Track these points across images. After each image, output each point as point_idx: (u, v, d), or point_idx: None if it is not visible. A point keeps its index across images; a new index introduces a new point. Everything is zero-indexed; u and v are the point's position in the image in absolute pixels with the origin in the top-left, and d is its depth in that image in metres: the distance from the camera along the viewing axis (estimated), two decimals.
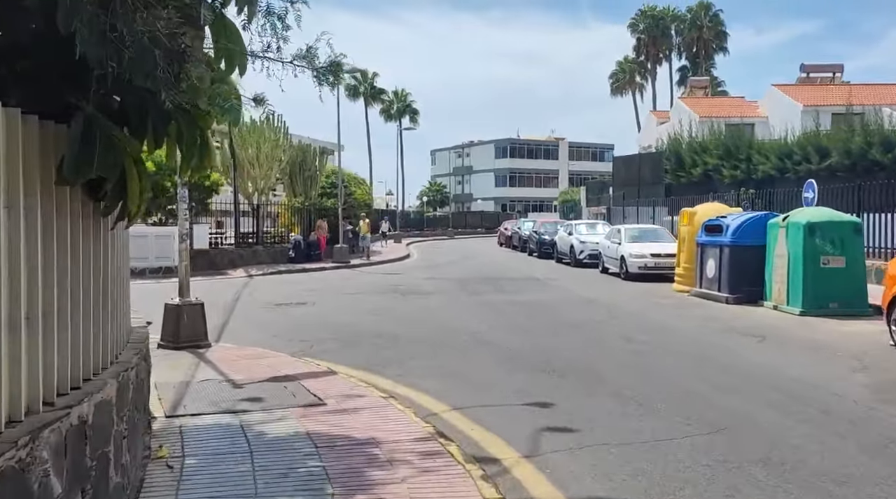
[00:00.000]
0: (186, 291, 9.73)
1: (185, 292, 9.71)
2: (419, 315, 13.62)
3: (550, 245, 30.17)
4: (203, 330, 9.72)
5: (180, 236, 9.69)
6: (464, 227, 65.87)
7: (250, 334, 11.71)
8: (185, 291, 9.70)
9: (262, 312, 14.59)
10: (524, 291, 17.96)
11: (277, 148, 28.34)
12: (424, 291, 18.15)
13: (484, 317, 13.28)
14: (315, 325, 12.61)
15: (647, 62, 63.73)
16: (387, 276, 23.25)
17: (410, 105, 68.63)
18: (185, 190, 9.72)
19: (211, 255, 25.09)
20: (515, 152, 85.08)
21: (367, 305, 15.36)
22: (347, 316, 13.69)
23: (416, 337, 11.08)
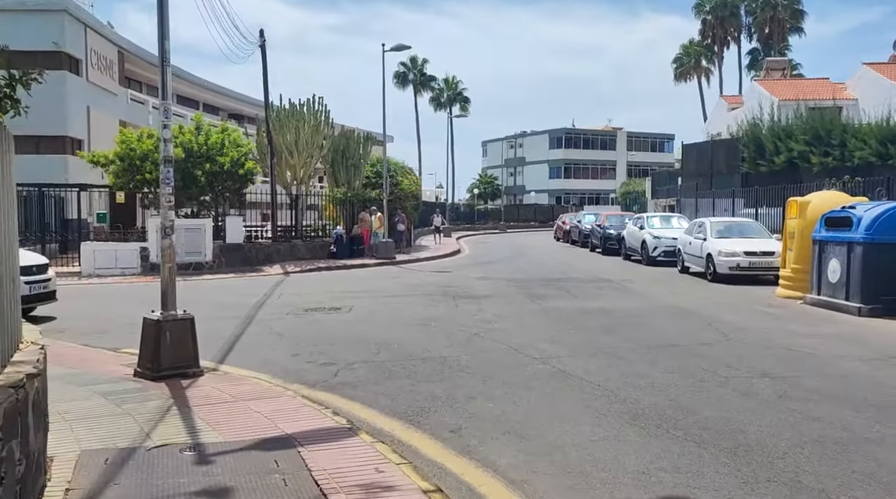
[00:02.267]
0: (171, 301, 7.37)
1: (169, 303, 7.35)
2: (473, 327, 11.06)
3: (617, 240, 27.25)
4: (192, 353, 7.36)
5: (163, 230, 7.33)
6: (516, 220, 63.04)
7: (264, 352, 9.36)
8: (168, 302, 7.34)
9: (287, 320, 12.24)
10: (596, 295, 15.22)
11: (318, 133, 26.11)
12: (478, 293, 15.57)
13: (554, 332, 10.64)
14: (346, 339, 10.18)
15: (713, 45, 59.66)
16: (435, 274, 20.75)
17: (461, 93, 65.96)
18: (170, 169, 7.33)
19: (245, 250, 23.07)
20: (571, 143, 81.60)
21: (411, 312, 12.87)
22: (386, 328, 11.22)
23: (471, 362, 8.52)
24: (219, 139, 23.17)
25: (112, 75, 31.08)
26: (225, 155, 22.80)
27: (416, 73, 62.82)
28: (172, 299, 7.32)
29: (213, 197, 23.94)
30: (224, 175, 22.80)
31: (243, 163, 23.26)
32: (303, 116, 25.66)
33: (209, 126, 24.05)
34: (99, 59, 29.48)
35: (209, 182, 22.74)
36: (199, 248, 21.72)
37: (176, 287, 7.47)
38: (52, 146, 26.37)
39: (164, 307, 7.31)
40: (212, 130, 23.72)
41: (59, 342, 9.84)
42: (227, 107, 46.41)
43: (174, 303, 7.35)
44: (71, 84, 26.88)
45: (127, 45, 32.90)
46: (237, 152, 23.16)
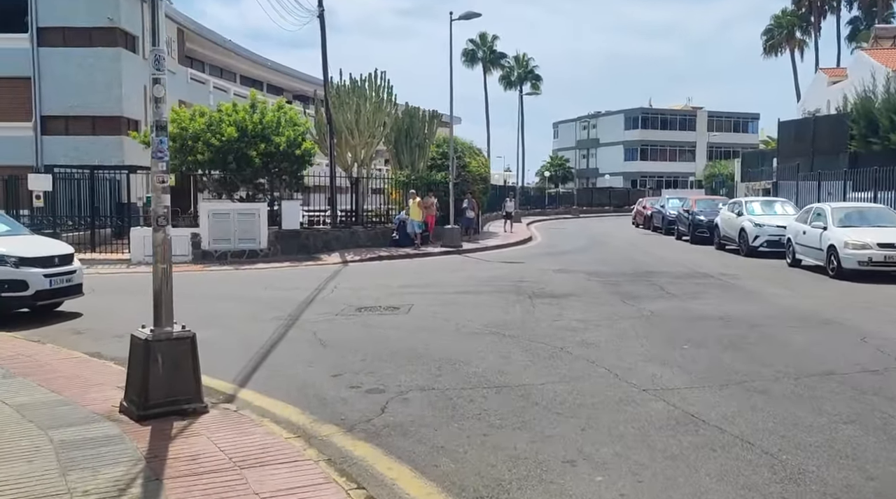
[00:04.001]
0: (166, 313, 5.56)
1: (164, 316, 5.54)
2: (557, 338, 8.96)
3: (708, 228, 24.51)
4: (192, 382, 5.54)
5: (155, 220, 5.51)
6: (589, 204, 60.10)
7: (300, 370, 7.54)
8: (162, 314, 5.54)
9: (336, 322, 10.42)
10: (699, 295, 12.85)
11: (380, 111, 24.26)
12: (558, 291, 13.42)
13: (662, 348, 8.44)
14: (401, 352, 8.26)
15: (809, 15, 54.90)
16: (505, 266, 18.66)
17: (532, 70, 63.10)
18: (163, 138, 5.49)
19: (302, 236, 21.53)
20: (647, 123, 77.55)
21: (480, 314, 10.85)
22: (450, 337, 9.24)
23: (560, 394, 6.45)
24: (274, 118, 21.60)
25: (171, 53, 30.02)
26: (281, 134, 21.22)
27: (485, 50, 60.27)
28: (168, 311, 5.51)
29: (269, 180, 22.45)
30: (280, 156, 21.24)
31: (300, 143, 21.64)
32: (364, 93, 23.85)
33: (264, 104, 22.51)
34: None
35: (264, 164, 21.22)
36: (253, 234, 20.27)
37: (173, 295, 5.65)
38: (107, 127, 25.44)
39: (157, 322, 5.51)
40: (267, 108, 22.18)
41: (62, 350, 8.28)
42: (292, 87, 45.19)
43: (170, 315, 5.54)
44: (126, 62, 25.85)
45: (187, 21, 31.84)
46: (294, 132, 21.55)
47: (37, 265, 10.60)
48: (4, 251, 10.42)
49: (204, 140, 20.50)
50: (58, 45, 24.81)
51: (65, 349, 8.34)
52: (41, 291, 10.57)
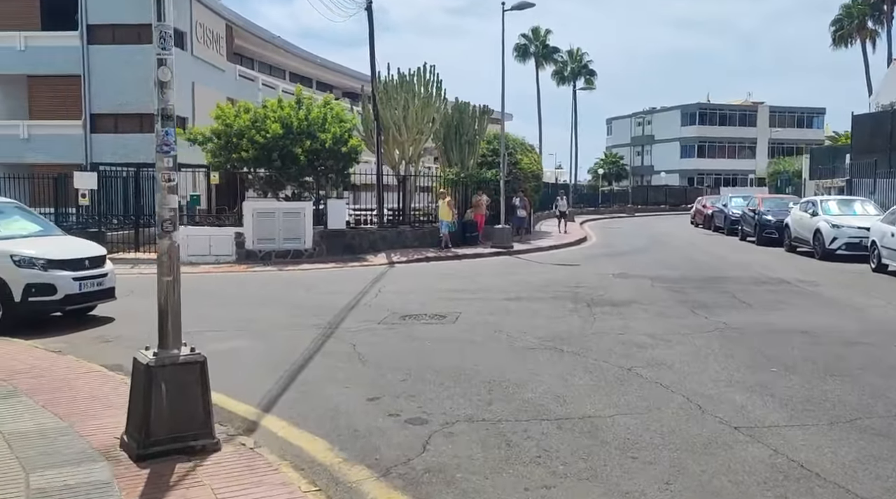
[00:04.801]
0: (172, 332, 4.76)
1: (170, 336, 4.75)
2: (623, 355, 7.93)
3: (776, 228, 22.95)
4: (201, 415, 4.74)
5: (160, 223, 4.72)
6: (644, 203, 58.19)
7: (334, 392, 6.71)
8: (168, 334, 4.74)
9: (377, 333, 9.58)
10: (779, 305, 11.60)
11: (429, 106, 23.40)
12: (620, 298, 12.33)
13: (747, 371, 7.32)
14: (448, 371, 7.36)
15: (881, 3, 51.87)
16: (560, 269, 17.59)
17: (587, 66, 61.36)
18: (169, 130, 4.70)
19: (348, 236, 20.82)
20: (705, 119, 74.90)
21: (535, 325, 9.87)
22: (503, 352, 8.30)
23: (634, 431, 5.45)
24: (320, 114, 20.96)
25: (219, 50, 29.79)
26: (327, 131, 20.56)
27: (537, 45, 58.84)
28: (175, 331, 4.72)
29: (314, 178, 21.83)
30: (325, 153, 20.58)
31: (346, 139, 20.93)
32: (412, 88, 23.02)
33: (310, 99, 21.89)
34: (205, 32, 28.17)
35: (310, 161, 20.59)
36: (297, 234, 19.65)
37: (181, 311, 4.85)
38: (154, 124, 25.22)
39: (162, 343, 4.72)
40: (313, 104, 21.55)
41: (82, 363, 7.63)
42: (342, 85, 44.74)
43: (177, 336, 4.74)
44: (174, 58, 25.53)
45: (236, 18, 31.56)
46: (340, 128, 20.86)
47: (66, 268, 10.05)
48: (34, 253, 9.90)
49: (248, 137, 19.98)
50: (107, 43, 24.74)
51: (85, 361, 7.69)
52: (70, 295, 10.02)
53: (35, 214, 11.82)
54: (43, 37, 25.25)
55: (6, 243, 9.96)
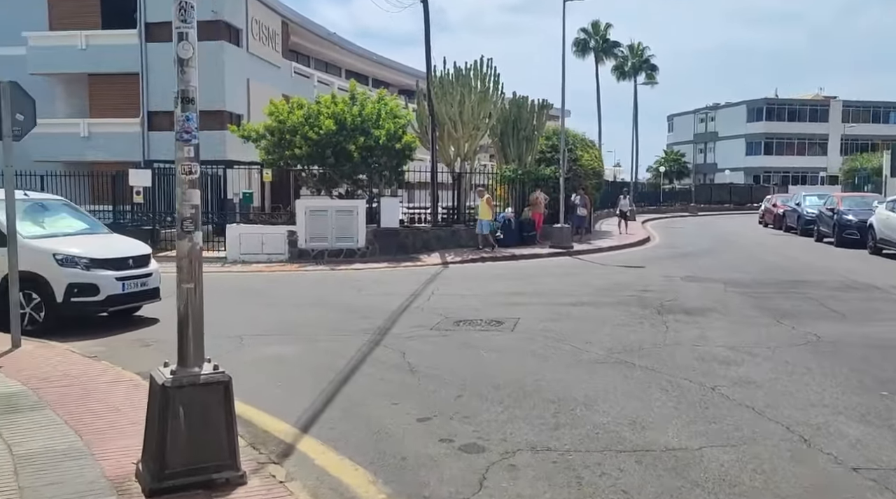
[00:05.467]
0: (194, 347, 4.15)
1: (191, 352, 4.14)
2: (705, 372, 7.05)
3: (858, 229, 21.39)
4: (224, 443, 4.12)
5: (179, 223, 4.12)
6: (707, 201, 56.06)
7: (380, 409, 6.06)
8: (189, 350, 4.13)
9: (429, 340, 8.91)
10: (872, 313, 10.47)
11: (486, 101, 22.63)
12: (692, 305, 11.35)
13: (853, 394, 6.36)
14: (507, 386, 6.63)
15: None
16: (624, 271, 16.61)
17: (648, 60, 59.50)
18: (190, 114, 4.08)
19: (401, 235, 20.25)
20: (773, 114, 71.87)
21: (601, 334, 9.03)
22: (567, 365, 7.50)
23: (732, 472, 4.61)
24: (374, 109, 20.46)
25: (275, 47, 29.65)
26: (380, 127, 20.03)
27: (597, 39, 57.33)
28: (197, 344, 4.11)
29: (368, 175, 21.34)
30: (379, 150, 20.05)
31: (401, 136, 20.37)
32: (469, 82, 22.29)
33: (364, 95, 21.41)
34: (261, 29, 28.04)
35: (363, 158, 20.10)
36: (350, 232, 19.18)
37: (203, 322, 4.23)
38: (210, 121, 25.13)
39: (182, 359, 4.12)
40: (367, 100, 21.06)
41: (116, 370, 7.17)
42: (398, 82, 44.36)
43: (199, 351, 4.13)
44: (229, 55, 25.49)
45: (292, 15, 31.40)
46: (394, 124, 20.31)
47: (109, 267, 9.69)
48: (77, 252, 9.57)
49: (302, 134, 19.61)
50: (164, 41, 24.63)
51: (119, 369, 7.22)
52: (113, 295, 9.66)
53: (82, 212, 11.57)
54: (103, 35, 25.49)
55: (50, 242, 9.67)
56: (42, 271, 9.30)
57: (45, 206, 10.77)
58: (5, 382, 6.49)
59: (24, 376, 6.67)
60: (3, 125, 7.55)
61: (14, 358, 7.41)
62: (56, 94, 26.80)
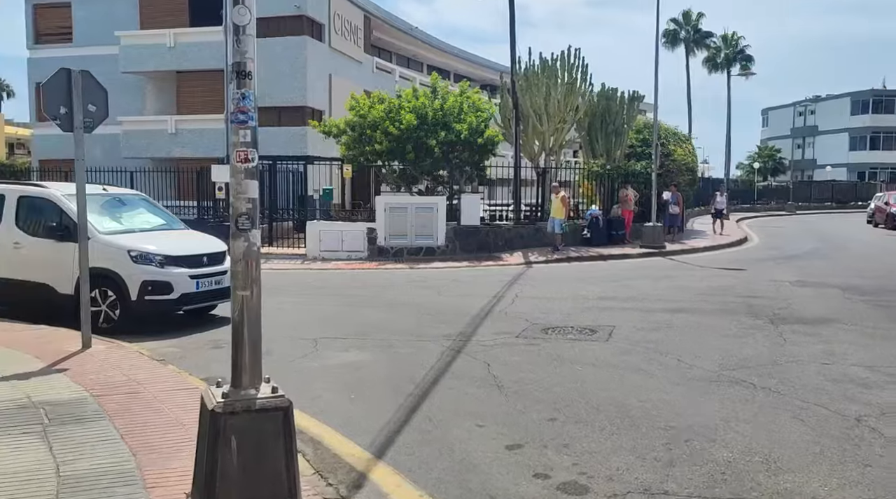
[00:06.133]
0: (251, 364, 3.54)
1: (247, 370, 3.53)
2: (843, 399, 6.00)
3: None
4: (282, 480, 3.48)
5: (234, 219, 3.52)
6: (806, 200, 52.80)
7: (463, 434, 5.36)
8: (244, 367, 3.52)
9: (515, 349, 8.15)
10: None
11: (573, 93, 21.62)
12: (810, 313, 10.14)
13: None
14: (607, 408, 5.81)
15: None
16: (724, 274, 15.34)
17: (743, 51, 56.40)
18: (247, 92, 3.46)
19: (482, 233, 19.54)
20: (880, 107, 67.05)
21: (708, 347, 8.04)
22: (675, 384, 6.58)
23: None
24: (456, 103, 19.80)
25: (357, 42, 29.42)
26: (462, 121, 19.36)
27: (688, 30, 54.81)
28: (253, 362, 3.49)
29: (449, 171, 20.72)
30: (461, 145, 19.39)
31: (483, 130, 19.64)
32: (555, 73, 21.33)
33: (446, 88, 20.79)
34: (343, 23, 27.84)
35: (444, 153, 19.48)
36: (430, 230, 18.61)
37: (261, 336, 3.61)
38: (292, 117, 25.13)
39: (236, 380, 3.51)
40: (449, 93, 20.44)
41: (181, 376, 6.75)
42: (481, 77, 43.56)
43: (256, 369, 3.52)
44: (312, 50, 25.35)
45: (374, 9, 31.14)
46: (476, 118, 19.60)
47: (183, 265, 9.37)
48: (152, 249, 9.28)
49: (382, 128, 19.17)
50: None
51: (186, 375, 6.80)
52: (186, 294, 9.33)
53: (159, 207, 11.36)
54: (190, 33, 25.83)
55: (125, 238, 9.43)
56: (117, 268, 9.05)
57: (123, 201, 10.59)
58: (69, 387, 6.14)
59: (88, 381, 6.31)
60: (75, 117, 7.24)
61: (81, 360, 7.10)
62: (146, 92, 27.42)
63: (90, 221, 9.11)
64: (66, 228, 9.16)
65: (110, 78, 24.18)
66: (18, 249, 9.57)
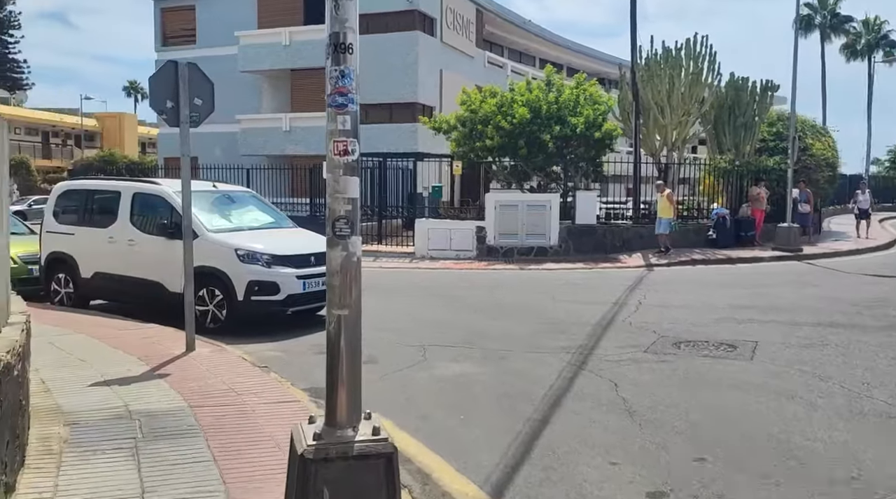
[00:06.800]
0: (348, 401, 2.92)
1: (345, 406, 2.91)
2: None
3: None
4: None
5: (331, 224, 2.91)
6: None
7: (593, 474, 4.64)
8: (342, 403, 2.91)
9: (645, 366, 7.26)
10: None
11: (699, 84, 20.11)
12: None
13: None
14: (766, 449, 4.88)
15: None
16: (877, 281, 13.64)
17: (886, 36, 51.65)
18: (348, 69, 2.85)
19: (598, 233, 18.48)
20: None
21: (882, 373, 6.83)
22: (851, 426, 5.50)
23: None
24: (572, 96, 18.83)
25: (468, 36, 28.88)
26: (578, 114, 18.37)
27: (824, 14, 50.70)
28: (353, 396, 2.88)
29: (563, 167, 19.77)
30: (576, 139, 18.41)
31: (600, 124, 18.56)
32: (679, 63, 19.90)
33: (561, 81, 19.85)
34: (455, 18, 27.37)
35: (558, 148, 18.56)
36: (542, 229, 17.76)
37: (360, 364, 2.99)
38: (403, 114, 24.89)
39: (330, 416, 2.91)
40: (564, 86, 19.48)
41: (283, 387, 6.33)
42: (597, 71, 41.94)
43: (356, 404, 2.91)
44: (423, 45, 25.01)
45: (486, 2, 30.49)
46: (593, 111, 18.55)
47: (289, 265, 9.06)
48: (259, 248, 9.02)
49: (494, 123, 18.48)
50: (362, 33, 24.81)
51: (287, 385, 6.38)
52: (293, 295, 9.00)
53: (268, 205, 11.17)
54: (305, 31, 26.10)
55: (233, 236, 9.22)
56: (224, 267, 8.85)
57: (233, 198, 10.45)
58: (168, 395, 5.83)
59: (187, 389, 5.99)
60: (181, 111, 6.98)
61: (183, 365, 6.83)
62: (262, 91, 28.01)
63: (199, 218, 8.98)
64: (176, 225, 9.03)
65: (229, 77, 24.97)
66: (132, 246, 9.58)
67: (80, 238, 10.07)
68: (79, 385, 6.03)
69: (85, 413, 5.29)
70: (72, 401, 5.58)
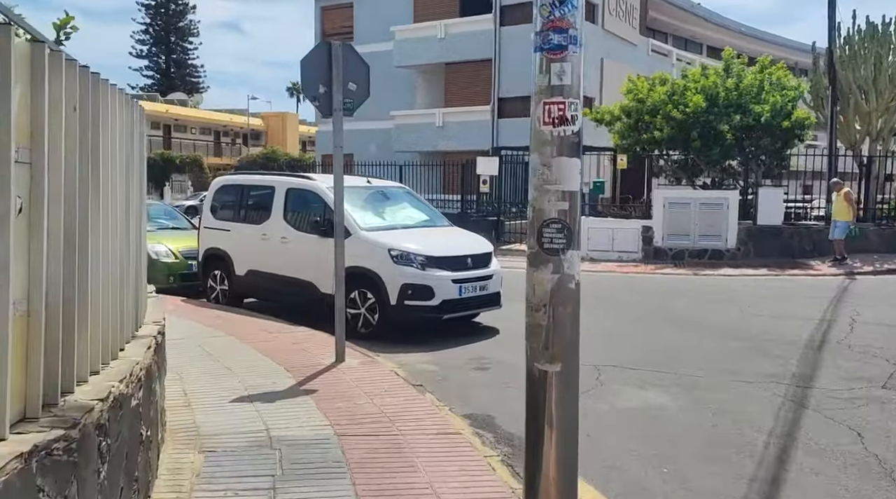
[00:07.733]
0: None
1: None
2: None
3: None
4: None
5: (536, 231, 1.89)
6: None
7: None
8: None
9: (890, 405, 5.72)
10: None
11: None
12: None
13: None
14: None
15: None
16: None
17: None
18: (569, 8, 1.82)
19: (784, 235, 16.37)
20: None
21: None
22: None
23: None
24: (755, 81, 16.77)
25: (632, 23, 27.05)
26: (763, 101, 16.31)
27: None
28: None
29: (742, 161, 17.71)
30: (760, 130, 16.35)
31: (789, 112, 16.37)
32: (888, 40, 17.17)
33: (742, 65, 17.80)
34: (618, 3, 25.66)
35: (738, 140, 16.59)
36: (718, 230, 15.95)
37: (577, 446, 1.95)
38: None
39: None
40: (746, 71, 17.43)
41: (441, 413, 5.45)
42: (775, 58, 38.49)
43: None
44: (584, 33, 23.55)
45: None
46: (780, 98, 16.40)
47: (445, 267, 8.24)
48: (414, 248, 8.27)
49: (664, 113, 16.82)
50: (518, 23, 23.79)
51: (445, 410, 5.50)
52: (448, 301, 8.17)
53: (422, 202, 10.43)
54: (460, 23, 25.47)
55: (386, 235, 8.52)
56: (377, 268, 8.17)
57: (387, 194, 9.81)
58: (313, 417, 5.12)
59: (335, 411, 5.26)
60: (334, 97, 6.29)
61: (332, 378, 6.15)
62: (416, 86, 27.73)
63: (352, 216, 8.38)
64: (329, 222, 8.46)
65: (385, 73, 24.88)
66: (285, 243, 9.17)
67: (235, 234, 9.83)
68: (221, 399, 5.49)
69: (223, 437, 4.68)
70: (211, 419, 5.00)
